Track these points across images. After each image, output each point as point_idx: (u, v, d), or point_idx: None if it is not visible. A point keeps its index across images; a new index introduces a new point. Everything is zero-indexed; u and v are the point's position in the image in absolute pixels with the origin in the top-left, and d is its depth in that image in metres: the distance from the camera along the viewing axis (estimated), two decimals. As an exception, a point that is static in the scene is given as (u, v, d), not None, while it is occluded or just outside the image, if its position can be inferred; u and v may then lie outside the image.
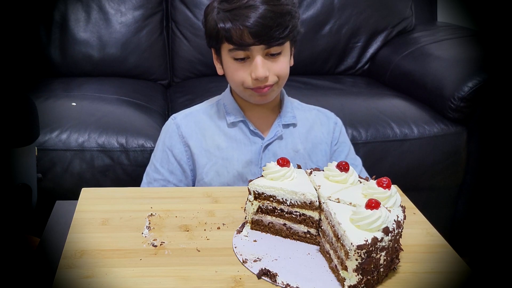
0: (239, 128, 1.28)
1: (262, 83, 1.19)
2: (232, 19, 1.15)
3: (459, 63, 1.93)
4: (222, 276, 0.85)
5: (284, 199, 0.95)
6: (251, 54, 1.17)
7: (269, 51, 1.18)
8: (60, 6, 2.13)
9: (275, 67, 1.19)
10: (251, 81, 1.19)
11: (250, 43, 1.15)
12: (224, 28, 1.16)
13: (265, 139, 1.28)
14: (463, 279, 0.89)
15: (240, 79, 1.20)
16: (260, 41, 1.15)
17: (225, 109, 1.29)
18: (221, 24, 1.16)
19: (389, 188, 0.90)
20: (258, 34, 1.14)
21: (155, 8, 2.21)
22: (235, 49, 1.17)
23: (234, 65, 1.20)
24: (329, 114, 1.38)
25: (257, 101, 1.25)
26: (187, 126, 1.29)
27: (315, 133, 1.33)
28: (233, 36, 1.15)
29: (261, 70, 1.17)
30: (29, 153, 0.90)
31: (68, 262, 0.87)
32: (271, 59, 1.19)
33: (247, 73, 1.19)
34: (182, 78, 2.28)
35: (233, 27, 1.14)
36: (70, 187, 1.62)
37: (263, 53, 1.17)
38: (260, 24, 1.13)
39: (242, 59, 1.19)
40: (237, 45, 1.16)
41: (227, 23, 1.15)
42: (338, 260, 0.85)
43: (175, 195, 1.12)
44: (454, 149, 1.84)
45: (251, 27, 1.13)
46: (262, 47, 1.16)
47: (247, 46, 1.16)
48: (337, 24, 2.28)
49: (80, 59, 2.15)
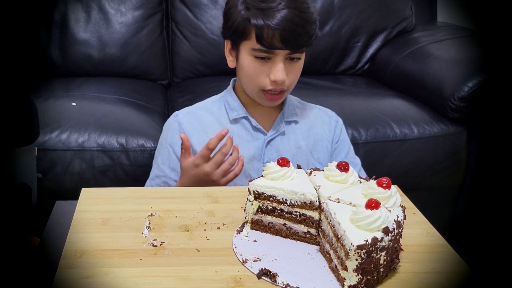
0: (242, 124, 1.29)
1: (279, 86, 1.20)
2: (265, 19, 1.15)
3: (459, 63, 1.93)
4: (222, 276, 0.85)
5: (284, 199, 0.95)
6: (274, 56, 1.18)
7: (291, 56, 1.19)
8: (60, 6, 2.13)
9: (292, 71, 1.21)
10: (269, 82, 1.20)
11: (278, 46, 1.16)
12: (257, 26, 1.16)
13: (268, 134, 1.29)
14: (463, 279, 0.89)
15: (257, 78, 1.21)
16: (288, 46, 1.16)
17: (227, 105, 1.30)
18: (254, 21, 1.16)
19: (389, 188, 0.90)
20: (288, 39, 1.15)
21: (155, 8, 2.21)
22: (260, 49, 1.18)
23: (254, 63, 1.20)
24: (330, 112, 1.39)
25: (266, 104, 1.26)
26: (189, 123, 1.30)
27: (316, 130, 1.34)
28: (264, 36, 1.16)
29: (282, 73, 1.18)
30: (29, 153, 0.90)
31: (68, 262, 0.87)
32: (290, 64, 1.20)
33: (265, 73, 1.20)
34: (182, 78, 2.28)
35: (265, 26, 1.15)
36: (70, 187, 1.62)
37: (284, 57, 1.18)
38: (291, 29, 1.15)
39: (262, 59, 1.19)
40: (265, 46, 1.17)
41: (259, 21, 1.15)
42: (338, 260, 0.85)
43: (175, 195, 1.12)
44: (454, 149, 1.84)
45: (282, 30, 1.14)
46: (286, 52, 1.17)
47: (274, 48, 1.17)
48: (337, 24, 2.28)
49: (80, 59, 2.15)
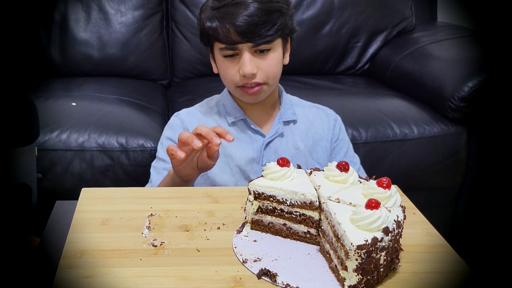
0: (240, 127, 1.29)
1: (250, 80, 1.19)
2: (219, 18, 1.16)
3: (459, 63, 1.93)
4: (222, 276, 0.85)
5: (284, 199, 0.95)
6: (240, 51, 1.18)
7: (258, 48, 1.18)
8: (60, 6, 2.13)
9: (264, 64, 1.20)
10: (240, 78, 1.20)
11: (237, 41, 1.16)
12: (211, 27, 1.17)
13: (266, 136, 1.29)
14: (463, 279, 0.89)
15: (230, 77, 1.21)
16: (247, 39, 1.16)
17: (224, 110, 1.30)
18: (208, 23, 1.18)
19: (389, 188, 0.90)
20: (245, 32, 1.15)
21: (155, 8, 2.21)
22: (224, 47, 1.19)
23: (224, 62, 1.21)
24: (329, 111, 1.39)
25: (248, 100, 1.25)
26: (190, 122, 1.31)
27: (315, 130, 1.34)
28: (220, 35, 1.17)
29: (249, 66, 1.17)
30: (29, 153, 0.90)
31: (68, 262, 0.87)
32: (260, 56, 1.19)
33: (236, 70, 1.20)
34: (182, 78, 2.28)
35: (220, 25, 1.16)
36: (70, 187, 1.62)
37: (251, 50, 1.18)
38: (247, 22, 1.14)
39: (231, 56, 1.20)
40: (225, 43, 1.17)
41: (214, 22, 1.17)
42: (338, 260, 0.85)
43: (175, 195, 1.12)
44: (454, 149, 1.84)
45: (237, 25, 1.14)
46: (249, 44, 1.17)
47: (234, 44, 1.17)
48: (337, 24, 2.28)
49: (80, 59, 2.15)
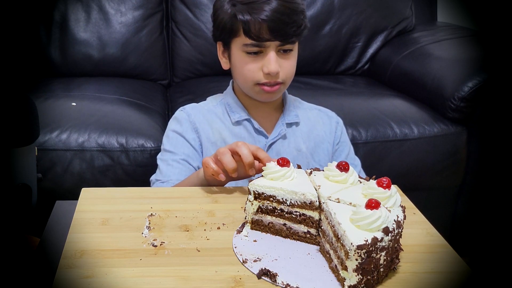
0: (244, 127, 1.29)
1: (273, 79, 1.20)
2: (251, 12, 1.16)
3: (459, 63, 1.93)
4: (222, 276, 0.85)
5: (284, 199, 0.95)
6: (265, 49, 1.18)
7: (283, 48, 1.19)
8: (60, 6, 2.13)
9: (286, 64, 1.21)
10: (263, 76, 1.20)
11: (267, 38, 1.16)
12: (243, 20, 1.16)
13: (269, 138, 1.28)
14: (463, 279, 0.89)
15: (251, 74, 1.21)
16: (277, 36, 1.16)
17: (229, 108, 1.29)
18: (240, 16, 1.16)
19: (389, 188, 0.90)
20: (276, 29, 1.16)
21: (155, 8, 2.21)
22: (251, 43, 1.18)
23: (245, 58, 1.20)
24: (331, 113, 1.38)
25: (264, 98, 1.25)
26: (196, 116, 1.30)
27: (317, 132, 1.33)
28: (251, 30, 1.16)
29: (275, 65, 1.18)
30: (29, 153, 0.90)
31: (68, 262, 0.87)
32: (283, 56, 1.20)
33: (258, 67, 1.20)
34: (182, 78, 2.28)
35: (252, 20, 1.15)
36: (70, 187, 1.62)
37: (276, 49, 1.19)
38: (278, 20, 1.15)
39: (254, 53, 1.19)
40: (254, 39, 1.17)
41: (246, 15, 1.16)
42: (338, 260, 0.85)
43: (175, 195, 1.12)
44: (454, 149, 1.84)
45: (269, 22, 1.15)
46: (277, 43, 1.18)
47: (263, 41, 1.17)
48: (337, 24, 2.28)
49: (80, 59, 2.15)
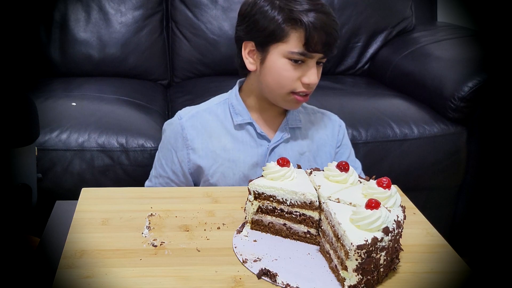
0: (246, 130, 1.27)
1: (309, 89, 1.20)
2: (314, 22, 1.13)
3: (459, 63, 1.93)
4: (222, 276, 0.85)
5: (284, 199, 0.95)
6: (308, 60, 1.17)
7: (322, 60, 1.19)
8: (60, 6, 2.13)
9: (319, 75, 1.21)
10: (300, 85, 1.19)
11: (318, 50, 1.15)
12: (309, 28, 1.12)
13: (272, 142, 1.27)
14: (463, 279, 0.89)
15: (289, 81, 1.19)
16: (326, 50, 1.16)
17: (232, 109, 1.27)
18: (306, 21, 1.13)
19: (389, 188, 0.90)
20: (327, 43, 1.15)
21: (155, 8, 2.21)
22: (301, 53, 1.15)
23: (286, 65, 1.18)
24: (333, 116, 1.38)
25: (292, 107, 1.25)
26: (192, 127, 1.27)
27: (319, 136, 1.33)
28: (309, 40, 1.13)
29: (315, 77, 1.18)
30: (29, 153, 0.90)
31: (68, 262, 0.87)
32: (318, 68, 1.20)
33: (297, 76, 1.18)
34: (182, 78, 2.28)
35: (314, 29, 1.13)
36: (70, 187, 1.62)
37: (316, 61, 1.18)
38: (332, 34, 1.15)
39: (295, 61, 1.17)
40: (307, 49, 1.15)
41: (311, 23, 1.13)
42: (338, 260, 0.85)
43: (175, 195, 1.12)
44: (454, 149, 1.84)
45: (328, 36, 1.14)
46: (320, 55, 1.17)
47: (315, 52, 1.15)
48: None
49: (80, 59, 2.15)
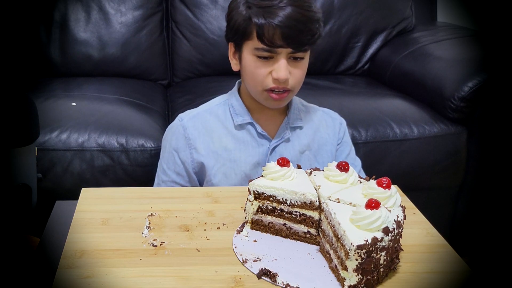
0: (247, 130, 1.27)
1: (281, 85, 1.19)
2: (266, 16, 1.14)
3: (459, 63, 1.93)
4: (222, 276, 0.85)
5: (284, 199, 0.95)
6: (276, 55, 1.17)
7: (294, 55, 1.18)
8: (60, 6, 2.13)
9: (296, 71, 1.20)
10: (271, 81, 1.18)
11: (279, 44, 1.15)
12: (258, 24, 1.15)
13: (272, 141, 1.27)
14: (463, 279, 0.89)
15: (260, 78, 1.19)
16: (289, 44, 1.15)
17: (232, 110, 1.28)
18: (255, 19, 1.15)
19: (389, 188, 0.90)
20: (289, 37, 1.14)
21: (155, 8, 2.21)
22: (262, 48, 1.16)
23: (256, 63, 1.19)
24: (334, 115, 1.38)
25: (271, 105, 1.24)
26: (194, 128, 1.28)
27: (320, 135, 1.33)
28: (265, 34, 1.15)
29: (284, 72, 1.17)
30: (29, 153, 0.90)
31: (68, 262, 0.87)
32: (294, 64, 1.19)
33: (267, 72, 1.18)
34: (182, 78, 2.28)
35: (267, 24, 1.14)
36: (70, 187, 1.62)
37: (287, 56, 1.17)
38: (292, 27, 1.14)
39: (265, 58, 1.18)
40: (266, 44, 1.16)
41: (261, 19, 1.15)
42: (338, 260, 0.85)
43: (175, 195, 1.12)
44: (454, 149, 1.84)
45: (283, 28, 1.13)
46: (288, 50, 1.16)
47: (275, 47, 1.15)
48: (337, 24, 2.28)
49: (80, 59, 2.15)
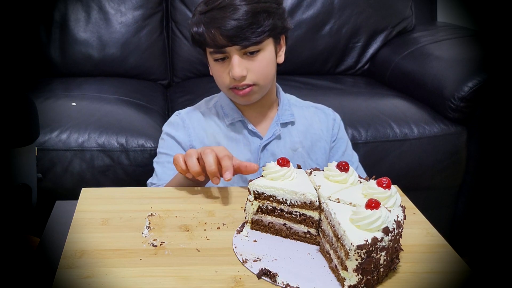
0: (238, 128, 1.29)
1: (240, 82, 1.19)
2: (206, 23, 1.16)
3: (459, 63, 1.93)
4: (222, 276, 0.85)
5: (284, 199, 0.95)
6: (229, 54, 1.18)
7: (246, 50, 1.17)
8: (60, 6, 2.13)
9: (254, 65, 1.18)
10: (230, 80, 1.19)
11: (223, 44, 1.16)
12: (198, 32, 1.17)
13: (263, 139, 1.28)
14: (463, 279, 0.89)
15: (222, 79, 1.21)
16: (234, 42, 1.15)
17: (222, 111, 1.29)
18: (194, 28, 1.18)
19: (389, 188, 0.90)
20: (231, 36, 1.14)
21: (155, 8, 2.22)
22: (213, 51, 1.18)
23: (215, 65, 1.21)
24: (327, 110, 1.37)
25: (240, 101, 1.25)
26: (190, 120, 1.31)
27: (314, 131, 1.33)
28: (206, 39, 1.16)
29: (237, 69, 1.16)
30: (29, 153, 0.90)
31: (68, 262, 0.87)
32: (249, 58, 1.18)
33: (226, 72, 1.19)
34: (182, 78, 2.28)
35: (206, 30, 1.16)
36: (70, 187, 1.62)
37: (240, 53, 1.17)
38: (233, 26, 1.14)
39: (222, 59, 1.19)
40: (212, 47, 1.17)
41: (200, 27, 1.17)
42: (338, 260, 0.85)
43: (175, 195, 1.12)
44: (454, 149, 1.84)
45: (223, 30, 1.14)
46: (237, 47, 1.16)
47: (221, 48, 1.16)
48: (337, 24, 2.28)
49: (80, 59, 2.15)
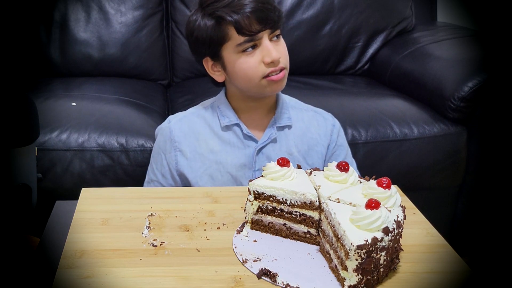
0: (233, 132, 1.27)
1: (277, 65, 1.20)
2: (235, 11, 1.16)
3: (459, 63, 1.93)
4: (222, 276, 0.85)
5: (284, 199, 0.95)
6: (259, 41, 1.19)
7: (274, 34, 1.21)
8: (60, 6, 2.13)
9: (281, 49, 1.22)
10: (265, 67, 1.19)
11: (258, 29, 1.17)
12: (233, 20, 1.17)
13: (259, 142, 1.27)
14: (463, 279, 0.89)
15: (253, 70, 1.20)
16: (266, 25, 1.18)
17: (219, 112, 1.28)
18: (229, 17, 1.17)
19: (389, 188, 0.90)
20: (263, 18, 1.17)
21: (155, 8, 2.21)
22: (245, 40, 1.18)
23: (243, 58, 1.20)
24: (326, 115, 1.36)
25: (274, 89, 1.24)
26: (180, 130, 1.29)
27: (310, 135, 1.32)
28: (242, 26, 1.16)
29: (274, 52, 1.19)
30: (29, 153, 0.90)
31: (68, 262, 0.87)
32: (276, 42, 1.22)
33: (258, 61, 1.19)
34: (182, 78, 2.28)
35: (240, 17, 1.16)
36: (70, 187, 1.62)
37: (269, 38, 1.20)
38: (261, 9, 1.17)
39: (252, 48, 1.19)
40: (248, 35, 1.17)
41: (233, 15, 1.16)
42: (338, 260, 0.85)
43: (175, 195, 1.12)
44: (454, 149, 1.84)
45: (255, 12, 1.16)
46: (268, 31, 1.19)
47: (256, 33, 1.17)
48: (337, 24, 2.28)
49: (80, 59, 2.15)
